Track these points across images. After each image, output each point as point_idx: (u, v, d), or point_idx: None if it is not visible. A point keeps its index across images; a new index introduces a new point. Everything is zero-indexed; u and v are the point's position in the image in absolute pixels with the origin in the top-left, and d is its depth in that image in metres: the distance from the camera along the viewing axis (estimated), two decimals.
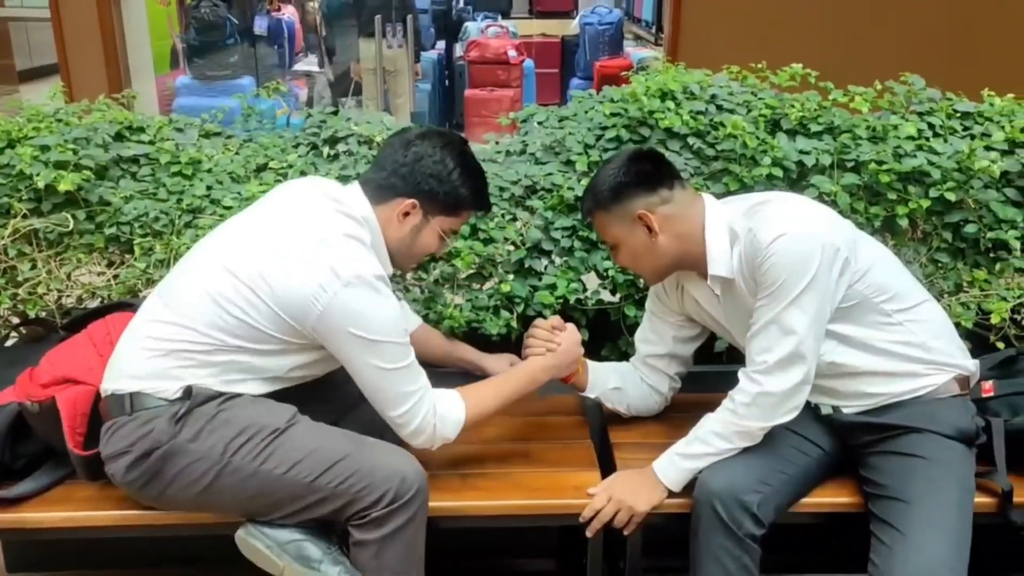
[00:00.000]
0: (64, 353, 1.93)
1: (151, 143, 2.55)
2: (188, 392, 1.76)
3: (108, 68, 4.89)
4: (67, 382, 1.86)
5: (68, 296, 2.39)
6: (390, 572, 1.79)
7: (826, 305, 1.82)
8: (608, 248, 2.08)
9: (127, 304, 2.17)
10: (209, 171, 2.49)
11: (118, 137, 2.55)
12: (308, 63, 8.30)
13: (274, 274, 1.73)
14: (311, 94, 7.76)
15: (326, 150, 2.54)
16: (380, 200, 1.87)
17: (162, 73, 6.68)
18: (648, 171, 1.95)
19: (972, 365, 1.99)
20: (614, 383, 2.20)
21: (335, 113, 2.65)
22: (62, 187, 2.31)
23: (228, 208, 2.36)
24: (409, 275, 2.42)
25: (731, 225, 1.91)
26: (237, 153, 2.59)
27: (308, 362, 1.85)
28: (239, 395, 1.80)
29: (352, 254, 1.76)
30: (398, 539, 1.77)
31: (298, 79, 7.84)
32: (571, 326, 2.12)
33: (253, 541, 1.79)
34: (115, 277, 2.38)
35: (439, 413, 1.85)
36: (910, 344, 1.91)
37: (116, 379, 1.81)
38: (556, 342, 2.07)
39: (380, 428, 1.86)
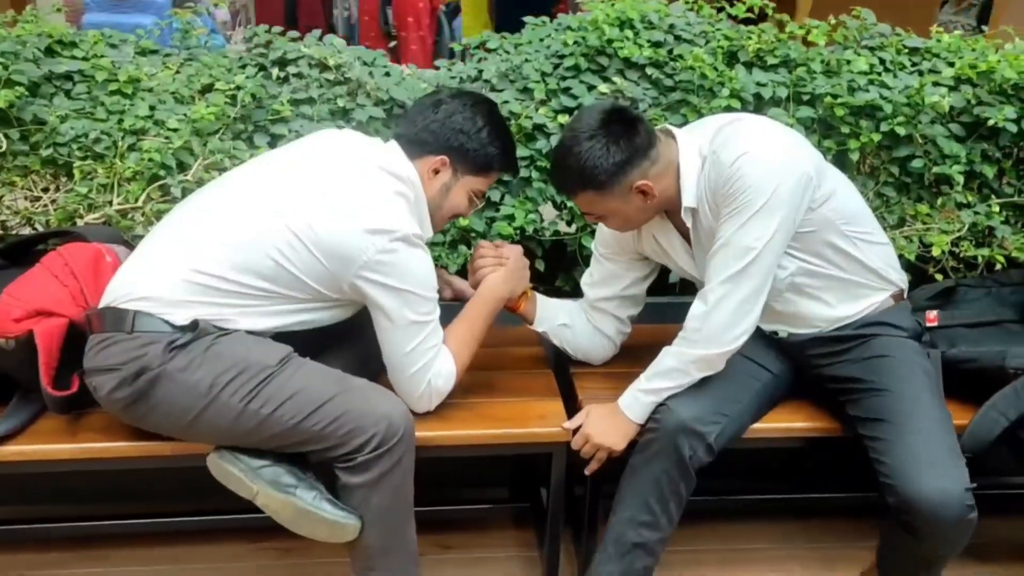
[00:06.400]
0: (27, 286, 1.83)
1: (85, 59, 2.39)
2: (194, 325, 1.70)
3: None
4: (40, 315, 1.77)
5: (8, 221, 2.25)
6: (379, 518, 1.78)
7: (786, 225, 1.81)
8: (586, 217, 1.98)
9: (68, 232, 2.06)
10: (150, 90, 2.35)
11: (48, 52, 2.38)
12: None
13: (322, 222, 1.72)
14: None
15: (275, 72, 2.42)
16: (413, 156, 1.86)
17: None
18: (636, 137, 1.83)
19: (903, 281, 2.06)
20: (562, 319, 2.17)
21: (283, 34, 2.53)
22: None
23: (174, 130, 2.24)
24: None
25: (700, 151, 1.88)
26: (178, 72, 2.45)
27: (324, 313, 1.83)
28: (236, 330, 1.75)
29: (401, 212, 1.77)
30: (385, 484, 1.77)
31: None
32: (511, 244, 2.10)
33: (226, 465, 1.76)
34: (52, 202, 2.25)
35: (435, 370, 1.87)
36: (866, 267, 1.96)
37: (123, 293, 1.74)
38: (505, 255, 2.05)
39: (365, 360, 1.84)
